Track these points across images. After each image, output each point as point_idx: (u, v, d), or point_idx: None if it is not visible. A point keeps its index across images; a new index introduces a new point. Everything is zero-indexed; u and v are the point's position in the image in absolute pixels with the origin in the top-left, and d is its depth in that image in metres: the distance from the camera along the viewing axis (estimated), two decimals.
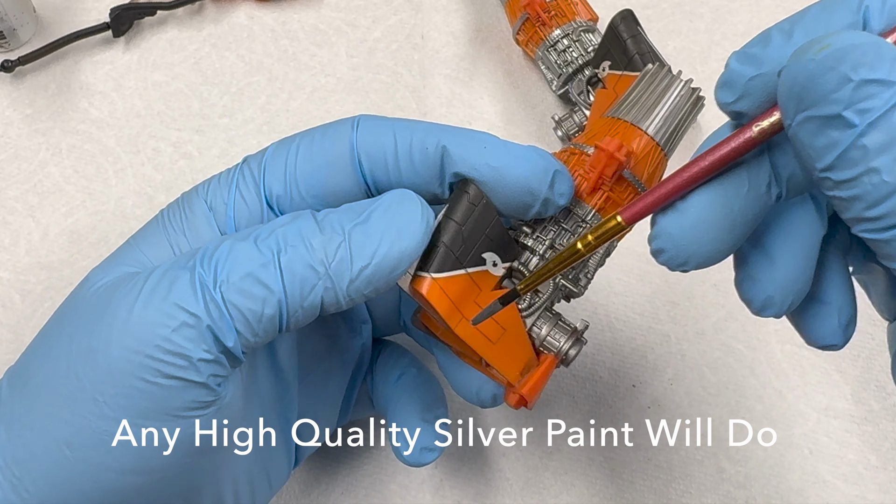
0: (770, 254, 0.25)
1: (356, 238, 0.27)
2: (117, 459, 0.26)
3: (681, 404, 0.44)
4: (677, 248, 0.24)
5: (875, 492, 0.42)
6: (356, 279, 0.27)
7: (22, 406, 0.27)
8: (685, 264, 0.24)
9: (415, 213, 0.28)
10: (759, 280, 0.25)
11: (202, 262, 0.27)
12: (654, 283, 0.47)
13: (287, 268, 0.27)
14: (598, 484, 0.42)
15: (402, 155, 0.29)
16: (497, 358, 0.30)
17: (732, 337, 0.46)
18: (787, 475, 0.43)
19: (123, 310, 0.26)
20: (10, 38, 0.50)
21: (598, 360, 0.45)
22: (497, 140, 0.30)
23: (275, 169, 0.30)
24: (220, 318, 0.26)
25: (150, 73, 0.51)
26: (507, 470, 0.43)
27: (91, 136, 0.49)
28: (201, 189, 0.31)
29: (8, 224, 0.47)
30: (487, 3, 0.54)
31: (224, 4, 0.53)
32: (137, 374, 0.26)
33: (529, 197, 0.29)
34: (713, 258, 0.24)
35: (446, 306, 0.29)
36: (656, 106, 0.32)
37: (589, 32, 0.48)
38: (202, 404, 0.27)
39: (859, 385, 0.45)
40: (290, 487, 0.42)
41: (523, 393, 0.30)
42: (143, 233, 0.31)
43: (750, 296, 0.26)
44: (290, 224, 0.28)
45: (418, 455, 0.34)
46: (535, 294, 0.31)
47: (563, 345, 0.31)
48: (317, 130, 0.31)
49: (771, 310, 0.25)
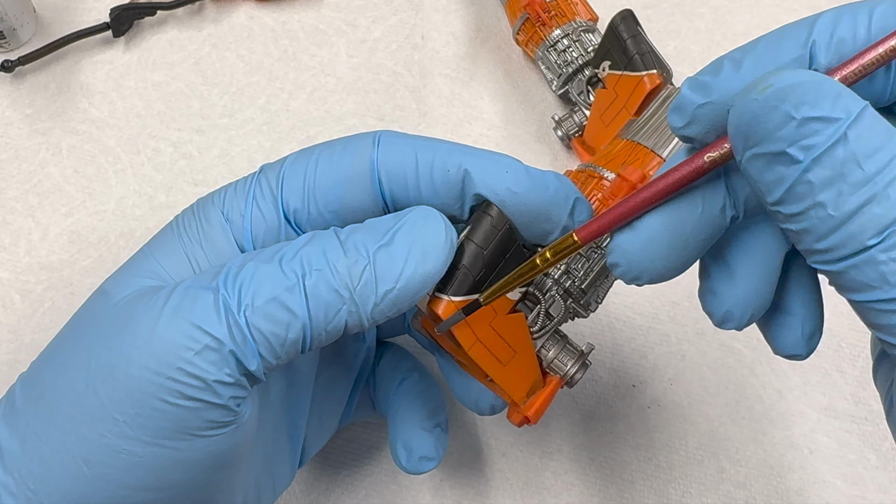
0: (731, 269, 0.26)
1: (381, 261, 0.27)
2: (136, 477, 0.26)
3: (681, 404, 0.44)
4: (630, 263, 0.24)
5: (875, 492, 0.42)
6: (381, 303, 0.27)
7: (37, 419, 0.27)
8: (638, 278, 0.25)
9: (439, 234, 0.27)
10: (719, 294, 0.26)
11: (226, 283, 0.27)
12: None
13: (312, 292, 0.26)
14: (598, 484, 0.42)
15: (423, 175, 0.29)
16: (505, 379, 0.30)
17: (732, 337, 0.46)
18: (787, 475, 0.43)
19: (145, 328, 0.26)
20: (10, 38, 0.50)
21: (599, 361, 0.45)
22: (519, 165, 0.29)
23: (293, 182, 0.30)
24: (244, 343, 0.26)
25: (150, 73, 0.51)
26: (507, 470, 0.43)
27: (91, 136, 0.49)
28: (217, 198, 0.31)
29: (8, 224, 0.47)
30: (487, 3, 0.54)
31: (224, 4, 0.53)
32: (158, 395, 0.26)
33: (549, 224, 0.29)
34: (665, 275, 0.25)
35: (462, 330, 0.29)
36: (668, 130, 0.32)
37: (589, 32, 0.48)
38: (221, 424, 0.27)
39: (859, 385, 0.45)
40: (291, 487, 0.42)
41: (529, 415, 0.31)
42: (158, 242, 0.30)
43: (711, 309, 0.26)
44: (313, 244, 0.27)
45: (417, 463, 0.35)
46: (546, 318, 0.31)
47: (570, 368, 0.32)
48: (336, 144, 0.30)
49: (730, 323, 0.26)
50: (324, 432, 0.37)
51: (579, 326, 0.45)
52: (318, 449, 0.38)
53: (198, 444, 0.27)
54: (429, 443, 0.35)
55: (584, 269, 0.32)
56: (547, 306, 0.31)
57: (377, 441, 0.43)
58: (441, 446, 0.35)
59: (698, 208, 0.24)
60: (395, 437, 0.36)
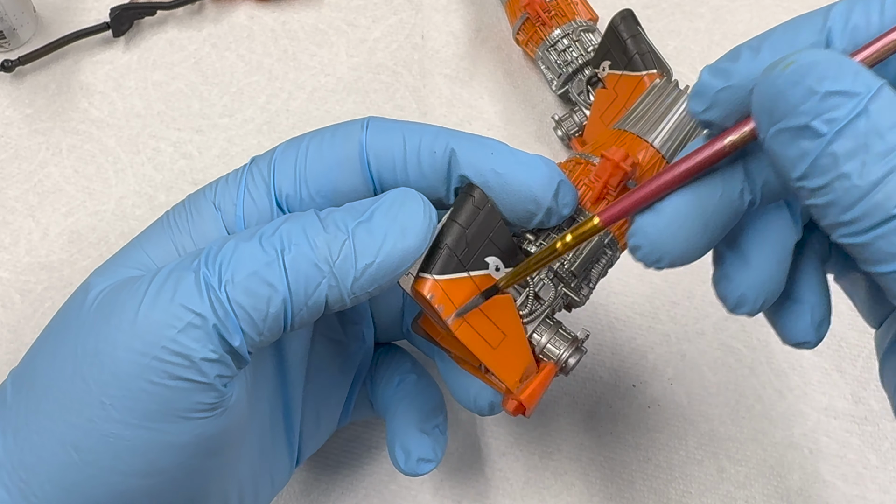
0: (745, 255, 0.26)
1: (360, 236, 0.27)
2: (125, 462, 0.26)
3: (681, 404, 0.44)
4: (652, 245, 0.25)
5: (875, 491, 0.42)
6: (360, 277, 0.27)
7: (28, 409, 0.27)
8: (659, 261, 0.25)
9: (417, 212, 0.28)
10: (733, 279, 0.26)
11: (206, 261, 0.27)
12: (654, 282, 0.47)
13: (291, 266, 0.27)
14: (598, 484, 0.42)
15: (411, 157, 0.30)
16: (496, 363, 0.30)
17: (732, 337, 0.46)
18: (788, 475, 0.43)
19: (129, 311, 0.26)
20: (10, 38, 0.50)
21: (598, 360, 0.45)
22: (505, 147, 0.30)
23: (284, 169, 0.30)
24: (226, 318, 0.26)
25: (150, 72, 0.51)
26: (507, 470, 0.43)
27: (91, 135, 0.49)
28: (208, 191, 0.31)
29: (8, 224, 0.47)
30: (487, 3, 0.54)
31: (224, 4, 0.53)
32: (144, 376, 0.26)
33: (533, 205, 0.29)
34: (686, 257, 0.25)
35: (448, 308, 0.29)
36: (662, 119, 0.32)
37: (589, 32, 0.48)
38: (209, 406, 0.27)
39: (859, 385, 0.45)
40: (291, 487, 0.42)
41: (521, 399, 0.30)
42: (147, 234, 0.31)
43: (725, 293, 0.27)
44: (293, 222, 0.28)
45: (415, 465, 0.35)
46: (536, 301, 0.31)
47: (563, 353, 0.31)
48: (326, 131, 0.31)
49: (744, 308, 0.26)
50: (321, 431, 0.37)
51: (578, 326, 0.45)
52: (317, 447, 0.38)
53: (186, 426, 0.27)
54: (426, 445, 0.35)
55: (574, 252, 0.31)
56: (536, 289, 0.31)
57: (377, 441, 0.43)
58: (439, 448, 0.35)
59: (718, 191, 0.25)
60: (393, 438, 0.36)
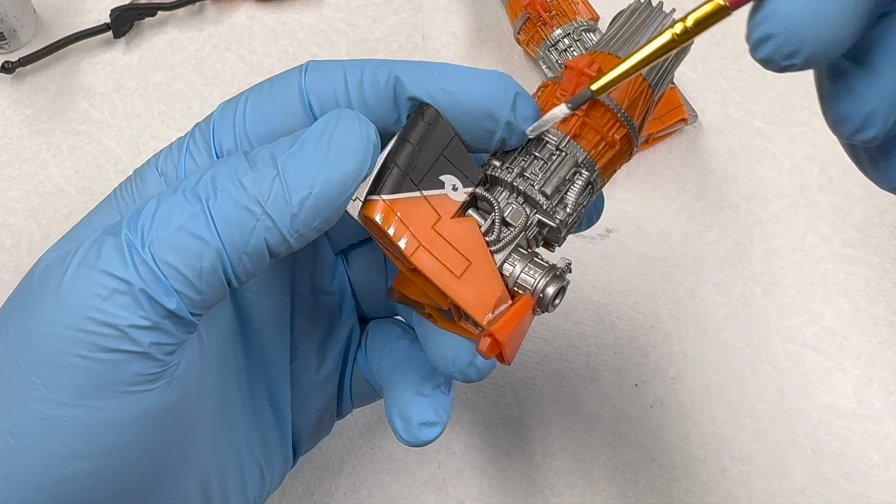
0: (873, 65, 0.22)
1: (291, 168, 0.25)
2: (64, 444, 0.25)
3: (683, 403, 0.44)
4: (790, 31, 0.20)
5: (878, 490, 0.42)
6: (299, 213, 0.25)
7: None
8: (795, 55, 0.21)
9: (352, 131, 0.26)
10: (860, 93, 0.22)
11: (129, 223, 0.25)
12: (655, 282, 0.47)
13: (219, 214, 0.25)
14: (600, 483, 0.42)
15: (354, 91, 0.27)
16: (461, 294, 0.27)
17: (735, 336, 0.46)
18: (790, 474, 0.43)
19: (54, 283, 0.25)
20: (10, 40, 0.50)
21: (601, 360, 0.45)
22: (454, 66, 0.28)
23: (224, 125, 0.28)
24: (154, 280, 0.24)
25: (151, 73, 0.51)
26: (510, 469, 0.42)
27: (92, 136, 0.49)
28: (153, 160, 0.29)
29: (9, 225, 0.47)
30: (488, 3, 0.54)
31: (224, 5, 0.53)
32: (72, 351, 0.24)
33: (491, 122, 0.27)
34: (830, 48, 0.21)
35: (399, 230, 0.26)
36: (635, 35, 0.29)
37: (590, 32, 0.48)
38: (149, 377, 0.25)
39: (861, 384, 0.45)
40: (293, 487, 0.42)
41: (493, 331, 0.26)
42: (96, 209, 0.29)
43: (847, 111, 0.23)
44: (219, 166, 0.26)
45: (417, 431, 0.31)
46: (504, 227, 0.28)
47: (539, 282, 0.27)
48: (265, 82, 0.29)
49: (871, 129, 0.23)
50: (313, 416, 0.35)
51: (581, 325, 0.46)
52: (317, 439, 0.36)
53: (127, 401, 0.25)
54: (427, 407, 0.31)
55: (543, 171, 0.28)
56: (502, 213, 0.27)
57: (380, 441, 0.43)
58: (443, 409, 0.31)
59: None
60: (390, 408, 0.32)
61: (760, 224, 0.48)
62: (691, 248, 0.48)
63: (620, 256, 0.47)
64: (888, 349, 0.45)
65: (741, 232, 0.48)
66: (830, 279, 0.47)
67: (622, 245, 0.48)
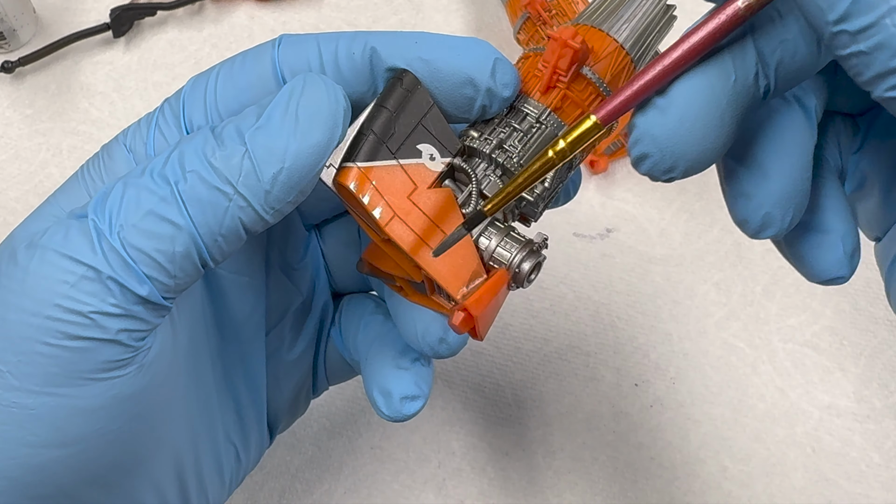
0: (762, 166, 0.23)
1: (259, 143, 0.24)
2: (32, 433, 0.24)
3: (683, 403, 0.44)
4: (662, 151, 0.22)
5: (878, 490, 0.42)
6: (272, 189, 0.24)
7: None
8: (672, 170, 0.22)
9: (320, 98, 0.25)
10: (753, 196, 0.23)
11: (96, 208, 0.24)
12: (655, 281, 0.47)
13: (190, 196, 0.24)
14: (600, 483, 0.42)
15: (329, 64, 0.27)
16: (436, 267, 0.26)
17: (734, 335, 0.46)
18: (790, 473, 0.43)
19: (20, 269, 0.24)
20: (10, 39, 0.50)
21: (601, 360, 0.45)
22: (431, 34, 0.27)
23: (195, 100, 0.28)
24: (123, 267, 0.24)
25: (151, 73, 0.51)
26: (510, 469, 0.42)
27: (92, 136, 0.49)
28: (121, 136, 0.29)
29: (9, 225, 0.47)
30: (488, 3, 0.54)
31: (224, 4, 0.53)
32: (38, 338, 0.24)
33: (471, 89, 0.26)
34: (702, 160, 0.22)
35: (374, 199, 0.25)
36: (619, 9, 0.29)
37: None
38: (119, 363, 0.24)
39: (861, 383, 0.45)
40: (293, 487, 0.42)
41: (467, 305, 0.26)
42: (63, 188, 0.28)
43: (746, 215, 0.24)
44: (186, 144, 0.25)
45: (399, 406, 0.30)
46: (482, 199, 0.27)
47: (515, 257, 0.26)
48: (237, 56, 0.28)
49: (771, 229, 0.24)
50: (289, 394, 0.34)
51: (581, 325, 0.46)
52: (294, 417, 0.35)
53: (96, 389, 0.24)
54: (407, 380, 0.30)
55: (522, 143, 0.27)
56: (480, 186, 0.27)
57: (379, 441, 0.43)
58: (424, 382, 0.30)
59: (731, 76, 0.22)
60: (370, 383, 0.31)
61: None
62: (691, 248, 0.48)
63: (620, 256, 0.47)
64: (888, 349, 0.45)
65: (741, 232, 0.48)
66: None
67: (622, 245, 0.48)
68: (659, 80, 0.22)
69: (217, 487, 0.31)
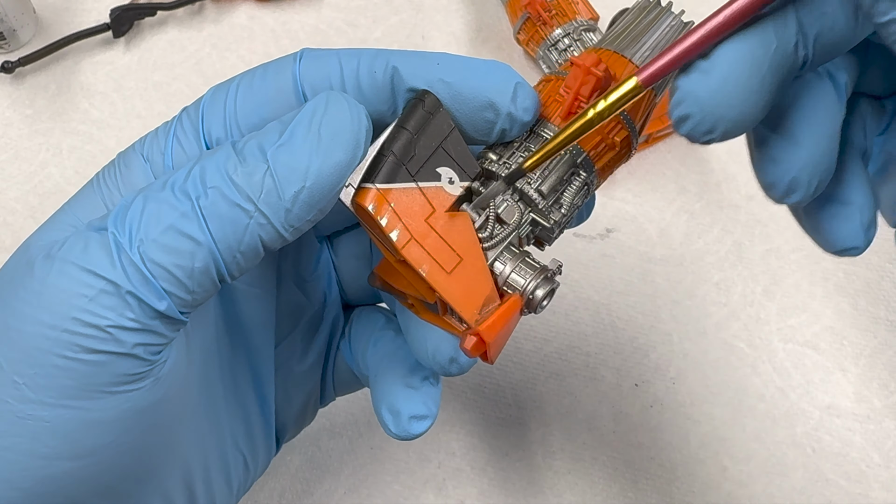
0: (792, 133, 0.24)
1: (282, 161, 0.24)
2: (46, 445, 0.24)
3: (683, 403, 0.44)
4: (704, 112, 0.22)
5: (878, 490, 0.42)
6: (293, 207, 0.24)
7: None
8: (712, 131, 0.22)
9: (343, 118, 0.25)
10: (782, 161, 0.24)
11: (115, 220, 0.24)
12: (656, 282, 0.47)
13: (211, 213, 0.24)
14: (600, 483, 0.42)
15: (349, 81, 0.27)
16: (450, 291, 0.26)
17: (734, 336, 0.46)
18: (790, 473, 0.43)
19: (37, 281, 0.24)
20: (10, 39, 0.50)
21: (601, 360, 0.45)
22: (452, 56, 0.27)
23: (214, 111, 0.27)
24: (142, 282, 0.24)
25: (151, 73, 0.51)
26: (510, 469, 0.42)
27: (92, 136, 0.49)
28: (138, 144, 0.28)
29: (9, 225, 0.47)
30: (488, 3, 0.54)
31: (224, 5, 0.53)
32: (56, 352, 0.23)
33: (491, 113, 0.26)
34: (742, 123, 0.22)
35: (392, 221, 0.25)
36: (643, 35, 0.29)
37: (590, 31, 0.48)
38: (134, 377, 0.24)
39: (861, 383, 0.45)
40: (293, 487, 0.42)
41: (480, 331, 0.26)
42: (78, 196, 0.28)
43: (773, 179, 0.24)
44: (207, 160, 0.25)
45: (407, 425, 0.30)
46: (498, 224, 0.27)
47: (530, 283, 0.27)
48: (258, 68, 0.28)
49: (797, 193, 0.24)
50: (297, 404, 0.35)
51: (581, 325, 0.46)
52: (301, 427, 0.36)
53: (111, 401, 0.24)
54: (416, 400, 0.30)
55: (541, 169, 0.27)
56: (497, 210, 0.27)
57: (379, 441, 0.43)
58: (432, 401, 0.30)
59: (772, 42, 0.22)
60: (378, 402, 0.31)
61: (760, 224, 0.48)
62: (691, 248, 0.48)
63: (620, 256, 0.47)
64: (888, 349, 0.45)
65: (741, 232, 0.48)
66: (830, 279, 0.47)
67: (622, 245, 0.48)
68: (701, 44, 0.22)
69: (225, 495, 0.32)
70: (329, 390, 0.36)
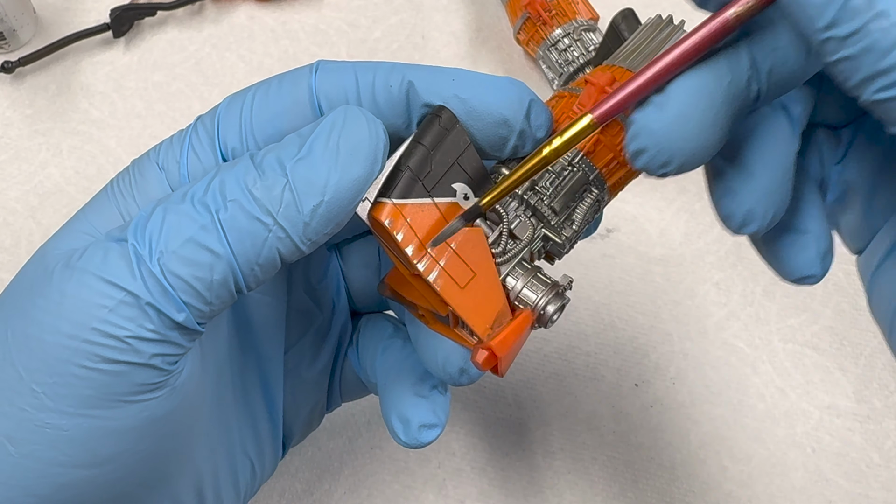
0: (747, 166, 0.24)
1: (300, 175, 0.24)
2: (64, 453, 0.25)
3: (683, 403, 0.44)
4: (659, 145, 0.22)
5: (878, 490, 0.42)
6: (311, 221, 0.25)
7: None
8: (667, 164, 0.23)
9: (361, 133, 0.25)
10: (737, 193, 0.25)
11: (136, 231, 0.25)
12: (656, 282, 0.47)
13: (230, 226, 0.24)
14: (600, 483, 0.42)
15: (365, 95, 0.27)
16: (464, 305, 0.27)
17: (734, 335, 0.46)
18: (790, 473, 0.43)
19: (56, 291, 0.24)
20: (10, 39, 0.50)
21: (601, 360, 0.45)
22: (468, 72, 0.27)
23: (230, 121, 0.28)
24: (162, 293, 0.24)
25: (151, 73, 0.51)
26: (510, 469, 0.42)
27: (92, 136, 0.49)
28: (153, 153, 0.29)
29: (9, 225, 0.47)
30: (488, 3, 0.54)
31: (224, 5, 0.53)
32: (75, 361, 0.24)
33: (505, 129, 0.27)
34: (697, 156, 0.23)
35: (408, 236, 0.26)
36: (656, 53, 0.29)
37: (590, 31, 0.48)
38: (152, 386, 0.25)
39: (861, 383, 0.45)
40: (293, 487, 0.42)
41: (492, 346, 0.26)
42: (92, 203, 0.28)
43: (729, 211, 0.25)
44: (227, 173, 0.25)
45: (416, 434, 0.31)
46: (511, 240, 0.28)
47: (541, 299, 0.27)
48: (273, 79, 0.28)
49: (752, 224, 0.25)
50: (305, 410, 0.35)
51: (581, 325, 0.46)
52: (307, 432, 0.36)
53: (129, 411, 0.25)
54: (426, 409, 0.31)
55: (554, 185, 0.28)
56: (511, 226, 0.27)
57: (379, 441, 0.43)
58: (441, 410, 0.31)
59: (726, 78, 0.22)
60: (388, 410, 0.31)
61: None
62: (691, 248, 0.48)
63: (620, 256, 0.47)
64: (888, 349, 0.45)
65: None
66: (830, 279, 0.47)
67: (622, 245, 0.48)
68: (655, 80, 0.22)
69: (233, 500, 0.32)
70: (336, 396, 0.36)
